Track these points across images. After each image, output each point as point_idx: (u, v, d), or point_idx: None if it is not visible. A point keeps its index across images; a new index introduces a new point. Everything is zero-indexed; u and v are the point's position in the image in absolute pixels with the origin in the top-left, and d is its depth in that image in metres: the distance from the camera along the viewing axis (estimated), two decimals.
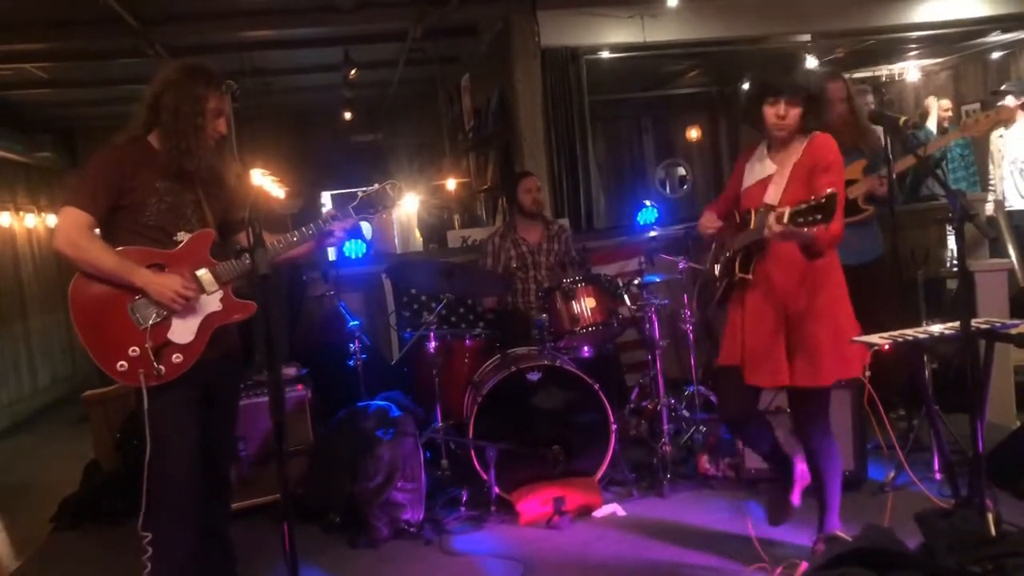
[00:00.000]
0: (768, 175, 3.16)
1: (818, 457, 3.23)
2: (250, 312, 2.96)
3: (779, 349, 3.10)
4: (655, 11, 6.85)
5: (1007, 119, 4.61)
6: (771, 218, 2.78)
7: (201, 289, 2.89)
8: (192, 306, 2.86)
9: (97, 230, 2.91)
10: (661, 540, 3.71)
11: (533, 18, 6.74)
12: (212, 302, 2.92)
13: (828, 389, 3.19)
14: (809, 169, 3.03)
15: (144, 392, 2.78)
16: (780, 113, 3.04)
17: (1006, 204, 6.81)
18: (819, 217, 2.65)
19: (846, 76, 4.77)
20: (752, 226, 3.03)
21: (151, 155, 2.87)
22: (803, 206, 2.68)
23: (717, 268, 3.36)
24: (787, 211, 2.72)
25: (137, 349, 2.80)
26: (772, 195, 3.09)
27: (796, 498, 3.34)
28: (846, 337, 3.09)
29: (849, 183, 4.45)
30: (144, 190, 2.84)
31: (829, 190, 2.66)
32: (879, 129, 4.57)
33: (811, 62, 7.12)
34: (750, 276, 3.12)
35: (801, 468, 3.34)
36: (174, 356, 2.84)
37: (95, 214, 2.81)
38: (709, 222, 3.34)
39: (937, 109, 7.77)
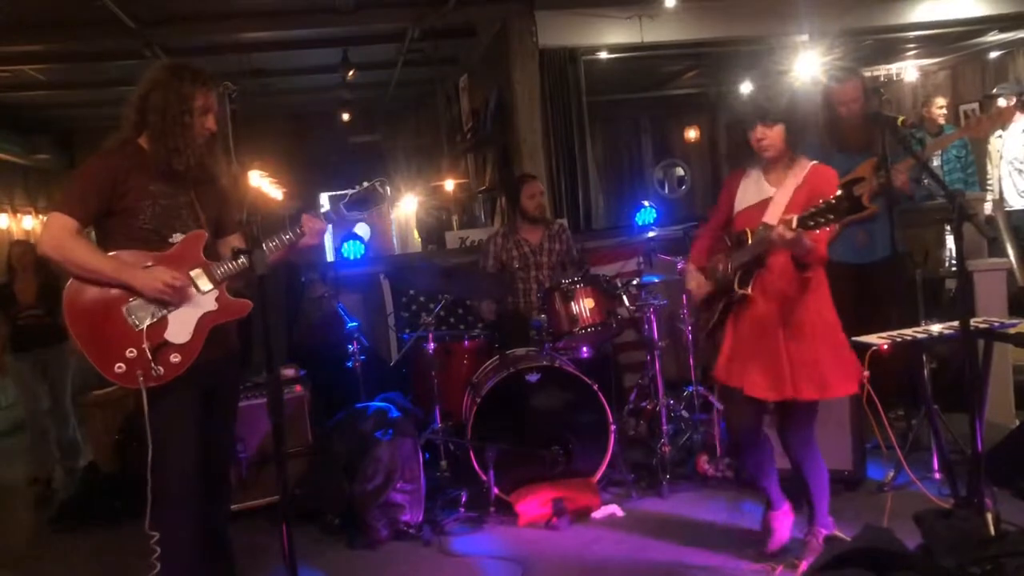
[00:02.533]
0: (766, 197, 3.23)
1: (804, 467, 3.31)
2: (246, 310, 2.94)
3: (782, 361, 3.16)
4: (653, 12, 6.85)
5: (1008, 119, 4.63)
6: (781, 226, 2.88)
7: (196, 289, 2.88)
8: (184, 299, 2.84)
9: (93, 235, 2.91)
10: (660, 540, 3.71)
11: (531, 19, 6.74)
12: (208, 301, 2.90)
13: (814, 405, 3.26)
14: (809, 196, 3.08)
15: (144, 393, 2.78)
16: (758, 136, 3.18)
17: (1005, 204, 6.82)
18: (831, 217, 2.77)
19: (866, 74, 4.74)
20: (751, 243, 3.12)
21: (143, 158, 2.86)
22: (813, 209, 2.80)
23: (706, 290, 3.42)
24: (795, 218, 2.84)
25: (134, 351, 2.78)
26: (771, 216, 3.13)
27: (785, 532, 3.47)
28: (845, 349, 3.20)
29: (858, 180, 4.46)
30: (137, 194, 2.83)
31: (839, 191, 2.78)
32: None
33: (813, 63, 7.13)
34: (750, 291, 3.19)
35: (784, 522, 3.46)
36: (172, 356, 2.83)
37: (82, 219, 2.79)
38: (699, 287, 3.41)
39: (934, 107, 7.76)
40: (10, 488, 5.85)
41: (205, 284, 2.89)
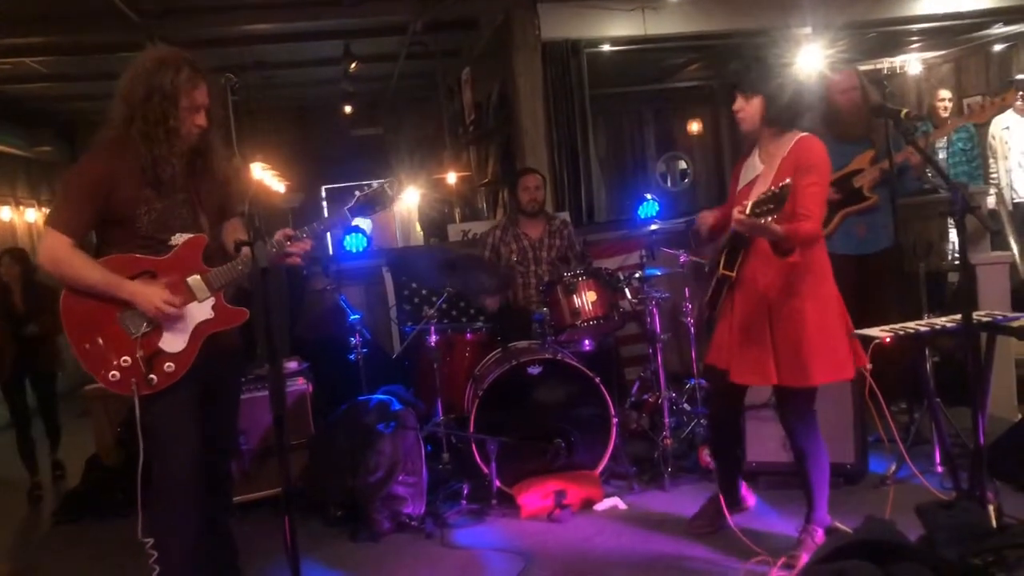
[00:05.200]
0: (757, 175, 3.22)
1: (805, 456, 3.28)
2: (242, 319, 2.91)
3: (765, 347, 3.13)
4: (656, 4, 6.84)
5: (1010, 104, 4.64)
6: (735, 211, 2.82)
7: (192, 296, 2.84)
8: (179, 317, 2.81)
9: (93, 235, 2.88)
10: (662, 533, 3.71)
11: (534, 11, 6.73)
12: (204, 309, 2.86)
13: (814, 389, 3.20)
14: (794, 168, 3.05)
15: (136, 402, 2.77)
16: (737, 106, 3.16)
17: (1016, 196, 6.81)
18: (771, 207, 2.69)
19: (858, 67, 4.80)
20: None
21: (133, 159, 2.77)
22: (761, 197, 2.73)
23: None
24: (749, 204, 2.77)
25: (128, 359, 2.77)
26: (758, 192, 3.08)
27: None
28: (835, 339, 3.12)
29: (856, 172, 4.49)
30: (132, 202, 2.78)
31: (786, 180, 2.71)
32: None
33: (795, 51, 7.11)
34: (733, 273, 3.17)
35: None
36: (166, 365, 2.81)
37: (76, 234, 2.76)
38: (704, 217, 3.45)
39: (936, 99, 7.73)
40: (10, 482, 5.86)
41: (202, 292, 2.86)
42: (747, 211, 2.77)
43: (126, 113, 2.79)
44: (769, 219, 2.73)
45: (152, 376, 2.78)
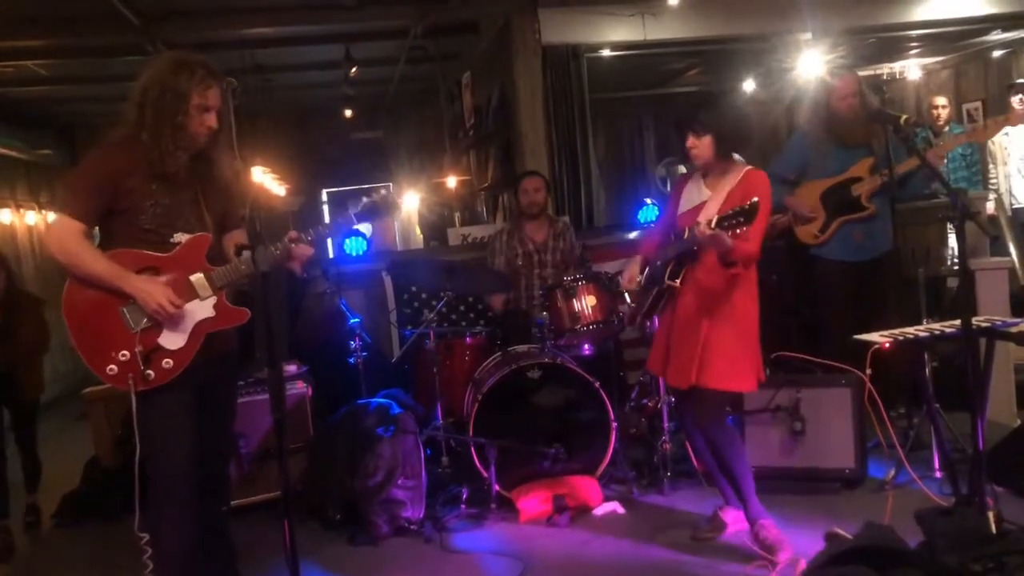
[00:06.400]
0: (704, 201, 3.46)
1: (719, 449, 3.43)
2: (243, 319, 2.92)
3: (697, 349, 3.36)
4: (656, 9, 6.84)
5: (1017, 122, 4.65)
6: (703, 223, 3.09)
7: (194, 294, 2.85)
8: (179, 316, 2.82)
9: (96, 230, 2.90)
10: (661, 538, 3.72)
11: (534, 16, 6.73)
12: (205, 308, 2.87)
13: (722, 393, 3.41)
14: (743, 199, 3.27)
15: (133, 397, 2.77)
16: (689, 144, 3.45)
17: (1015, 202, 6.81)
18: (741, 220, 2.96)
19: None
20: (683, 239, 3.32)
21: (144, 155, 2.81)
22: (729, 211, 3.01)
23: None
24: (715, 217, 3.05)
25: (127, 353, 2.77)
26: (705, 218, 3.32)
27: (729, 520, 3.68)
28: (752, 349, 3.37)
29: (855, 180, 4.50)
30: (139, 194, 2.80)
31: (754, 198, 2.98)
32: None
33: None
34: (678, 283, 3.42)
35: (733, 515, 3.65)
36: (164, 361, 2.81)
37: (86, 221, 2.78)
38: (629, 281, 3.73)
39: (930, 106, 7.75)
40: (11, 483, 5.85)
41: (204, 290, 2.87)
42: (714, 223, 3.04)
43: (139, 111, 2.82)
44: (730, 233, 3.01)
45: (149, 372, 2.78)
